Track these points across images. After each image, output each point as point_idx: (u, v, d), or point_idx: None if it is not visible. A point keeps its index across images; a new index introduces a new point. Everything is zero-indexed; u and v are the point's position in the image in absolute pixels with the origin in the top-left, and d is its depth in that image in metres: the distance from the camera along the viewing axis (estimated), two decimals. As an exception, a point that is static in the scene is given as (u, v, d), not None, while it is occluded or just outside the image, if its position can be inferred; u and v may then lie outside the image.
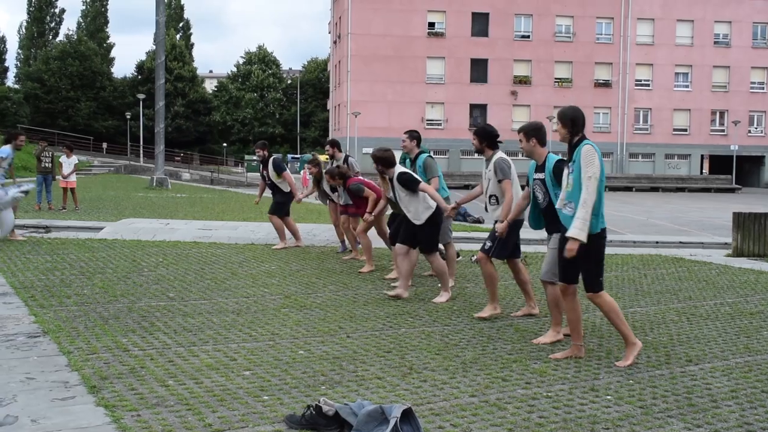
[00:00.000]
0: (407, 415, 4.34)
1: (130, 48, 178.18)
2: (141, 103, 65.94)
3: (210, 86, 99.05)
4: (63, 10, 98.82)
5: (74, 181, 20.87)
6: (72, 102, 79.65)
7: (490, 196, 7.92)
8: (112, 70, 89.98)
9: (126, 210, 20.02)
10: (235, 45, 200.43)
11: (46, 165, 20.33)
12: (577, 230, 5.89)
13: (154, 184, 35.84)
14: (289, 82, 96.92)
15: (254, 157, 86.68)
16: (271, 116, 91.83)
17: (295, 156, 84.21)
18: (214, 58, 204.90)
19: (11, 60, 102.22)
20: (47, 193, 20.39)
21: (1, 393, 4.98)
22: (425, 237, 8.73)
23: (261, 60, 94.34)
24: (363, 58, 61.00)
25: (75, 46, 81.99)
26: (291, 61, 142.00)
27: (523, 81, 62.67)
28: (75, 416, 4.62)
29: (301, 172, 48.87)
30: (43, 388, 5.13)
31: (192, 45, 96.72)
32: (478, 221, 19.20)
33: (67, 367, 5.64)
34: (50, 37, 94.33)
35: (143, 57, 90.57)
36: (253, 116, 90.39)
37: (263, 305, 8.09)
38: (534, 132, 6.87)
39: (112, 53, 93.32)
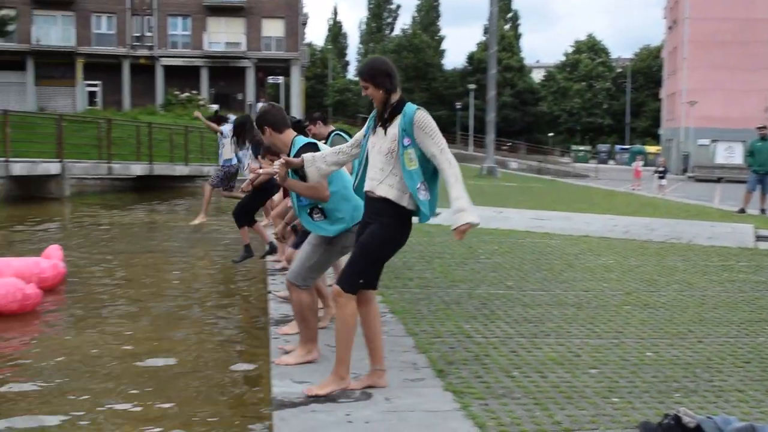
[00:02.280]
0: (784, 438, 3.87)
1: (458, 40, 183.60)
2: (471, 93, 67.66)
3: (537, 76, 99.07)
4: (399, 6, 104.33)
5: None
6: (406, 93, 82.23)
7: None
8: (443, 61, 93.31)
9: (457, 197, 20.49)
10: (561, 35, 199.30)
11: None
12: (468, 212, 4.43)
13: (484, 172, 36.51)
14: (618, 71, 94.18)
15: (581, 148, 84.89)
16: (599, 106, 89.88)
17: (624, 147, 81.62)
18: (541, 48, 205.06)
19: (352, 54, 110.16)
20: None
21: (357, 369, 5.20)
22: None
23: (590, 48, 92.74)
24: (701, 43, 57.54)
25: (410, 40, 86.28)
26: (620, 49, 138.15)
27: None
28: (425, 398, 4.70)
29: (632, 164, 47.30)
30: (394, 367, 5.28)
31: (520, 35, 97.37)
32: None
33: (414, 348, 5.78)
34: (387, 31, 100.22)
35: (472, 48, 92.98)
36: (581, 106, 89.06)
37: (604, 301, 7.78)
38: (262, 120, 5.32)
39: (443, 45, 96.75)
